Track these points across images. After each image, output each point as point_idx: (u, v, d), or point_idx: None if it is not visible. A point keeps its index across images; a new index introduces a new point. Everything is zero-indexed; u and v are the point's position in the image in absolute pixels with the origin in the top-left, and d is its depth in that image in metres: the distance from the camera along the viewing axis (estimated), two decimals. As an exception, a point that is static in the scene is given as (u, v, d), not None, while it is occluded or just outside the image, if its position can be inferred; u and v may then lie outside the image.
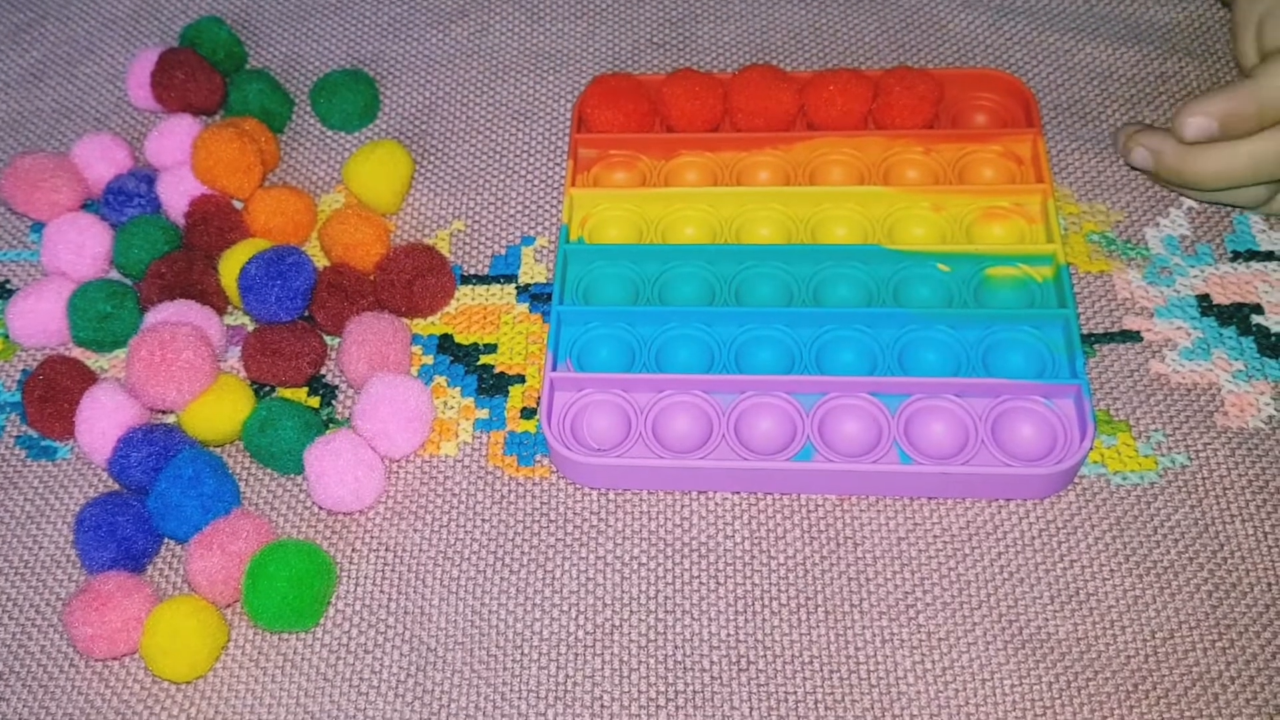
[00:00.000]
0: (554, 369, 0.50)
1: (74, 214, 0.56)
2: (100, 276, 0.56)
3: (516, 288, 0.55)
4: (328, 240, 0.54)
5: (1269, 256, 0.53)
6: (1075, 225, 0.55)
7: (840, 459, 0.47)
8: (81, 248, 0.55)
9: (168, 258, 0.54)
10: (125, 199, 0.56)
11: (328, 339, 0.54)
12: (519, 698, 0.44)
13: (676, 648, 0.45)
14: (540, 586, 0.47)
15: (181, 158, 0.58)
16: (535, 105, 0.61)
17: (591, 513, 0.49)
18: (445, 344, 0.53)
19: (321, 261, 0.56)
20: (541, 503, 0.49)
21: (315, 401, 0.52)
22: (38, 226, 0.59)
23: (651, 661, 0.45)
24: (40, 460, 0.52)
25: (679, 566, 0.47)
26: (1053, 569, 0.46)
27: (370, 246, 0.54)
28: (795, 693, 0.44)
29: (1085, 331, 0.52)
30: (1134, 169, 0.55)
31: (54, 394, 0.51)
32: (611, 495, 0.49)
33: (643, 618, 0.46)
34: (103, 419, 0.49)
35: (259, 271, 0.51)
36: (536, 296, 0.55)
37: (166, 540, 0.49)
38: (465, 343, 0.53)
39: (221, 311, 0.54)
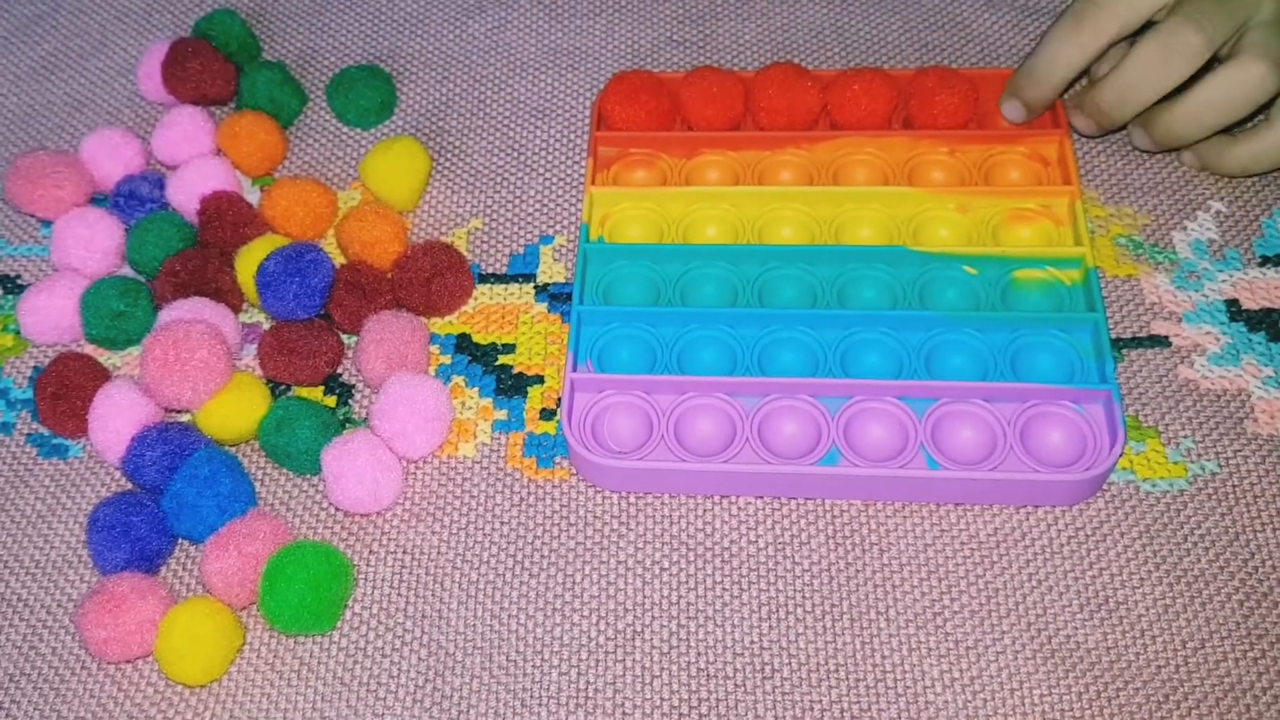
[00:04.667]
0: (574, 369, 0.49)
1: (83, 209, 0.55)
2: (112, 272, 0.55)
3: (535, 287, 0.54)
4: (345, 238, 0.54)
5: (1299, 261, 0.53)
6: (1102, 228, 0.54)
7: (866, 464, 0.47)
8: (91, 243, 0.54)
9: (181, 255, 0.53)
10: (138, 203, 0.56)
11: (345, 338, 0.53)
12: (538, 704, 0.44)
13: (699, 654, 0.45)
14: (560, 591, 0.46)
15: (189, 151, 0.57)
16: (553, 102, 0.61)
17: (612, 516, 0.48)
18: (463, 343, 0.53)
19: (338, 259, 0.55)
20: (561, 505, 0.48)
21: (332, 401, 0.51)
22: (50, 223, 0.58)
23: (674, 668, 0.44)
24: (51, 458, 0.51)
25: (701, 572, 0.46)
26: (1082, 577, 0.45)
27: (388, 244, 0.53)
28: (820, 701, 0.43)
29: (1113, 336, 0.51)
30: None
31: (67, 391, 0.50)
32: (632, 499, 0.48)
33: (664, 623, 0.45)
34: (117, 417, 0.48)
35: (277, 268, 0.50)
36: (555, 296, 0.54)
37: (181, 541, 0.48)
38: (483, 342, 0.53)
39: (237, 309, 0.53)
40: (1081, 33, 0.51)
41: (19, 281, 0.57)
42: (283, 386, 0.52)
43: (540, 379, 0.52)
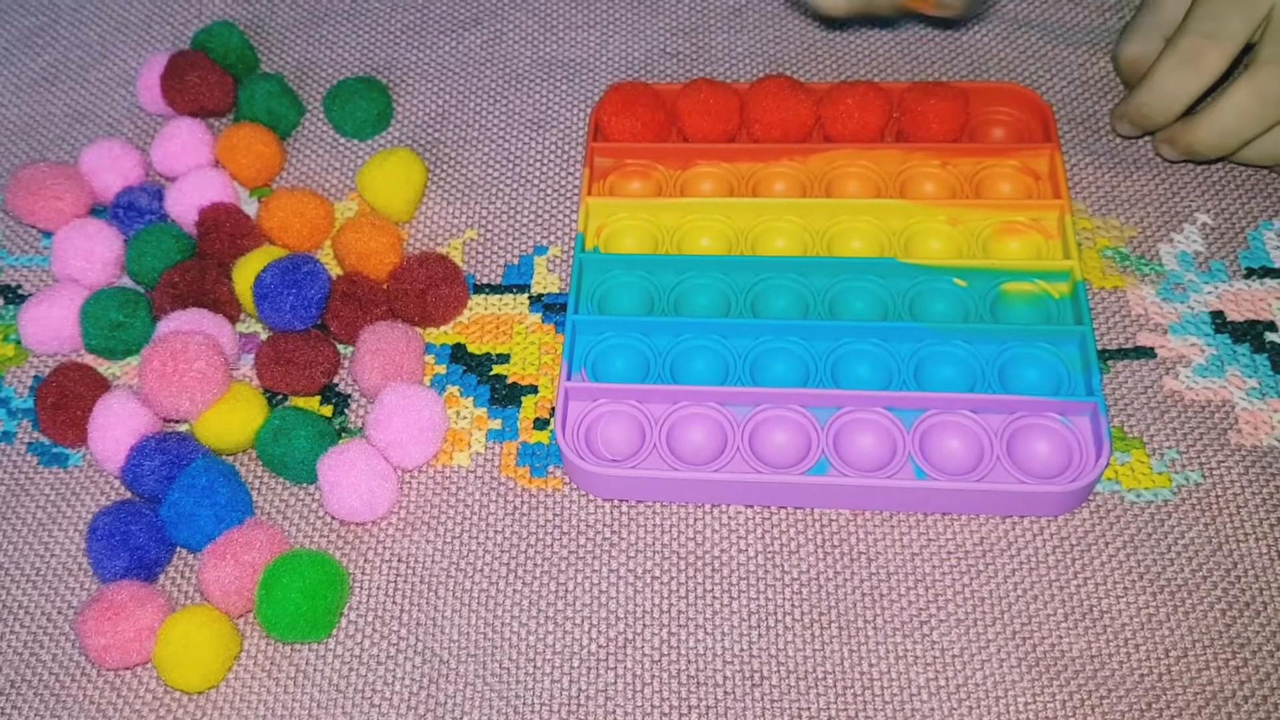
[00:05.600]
0: (569, 379, 0.50)
1: (83, 220, 0.56)
2: (112, 283, 0.55)
3: (529, 297, 0.55)
4: (341, 249, 0.54)
5: (1283, 274, 0.53)
6: (1089, 240, 0.55)
7: (855, 473, 0.47)
8: (91, 254, 0.55)
9: (180, 266, 0.53)
10: (136, 214, 0.56)
11: (341, 348, 0.53)
12: (531, 711, 0.44)
13: (690, 662, 0.45)
14: (553, 599, 0.47)
15: (188, 163, 0.58)
16: (548, 114, 0.61)
17: (604, 525, 0.48)
18: (458, 354, 0.53)
19: (335, 270, 0.56)
20: (554, 514, 0.49)
21: (328, 410, 0.52)
22: (51, 234, 0.59)
23: (665, 676, 0.45)
24: (52, 467, 0.52)
25: (692, 580, 0.47)
26: (1066, 586, 0.46)
27: (384, 255, 0.54)
28: (809, 708, 0.44)
29: (1099, 347, 0.52)
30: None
31: (67, 401, 0.51)
32: (624, 507, 0.49)
33: (656, 631, 0.46)
34: (116, 427, 0.49)
35: (274, 280, 0.51)
36: (549, 306, 0.55)
37: (179, 549, 0.49)
38: (478, 352, 0.53)
39: (234, 320, 0.54)
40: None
41: (20, 292, 0.57)
42: (280, 396, 0.53)
43: (534, 389, 0.52)
